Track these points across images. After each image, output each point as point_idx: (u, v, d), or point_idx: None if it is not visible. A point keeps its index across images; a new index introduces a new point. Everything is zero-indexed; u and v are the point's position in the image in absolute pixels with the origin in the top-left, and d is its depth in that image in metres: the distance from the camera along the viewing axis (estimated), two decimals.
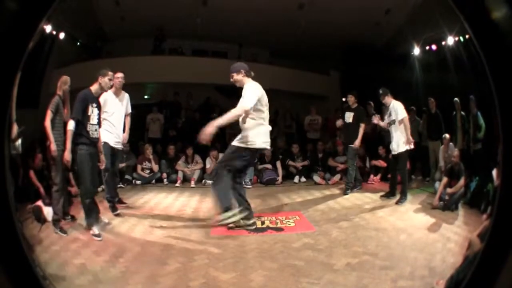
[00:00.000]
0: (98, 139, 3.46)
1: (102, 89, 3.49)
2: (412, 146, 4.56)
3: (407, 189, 4.67)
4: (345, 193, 5.10)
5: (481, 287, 1.23)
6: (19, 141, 2.03)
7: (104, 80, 3.42)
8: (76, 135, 3.25)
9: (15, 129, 1.71)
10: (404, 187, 4.61)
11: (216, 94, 7.49)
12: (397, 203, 4.53)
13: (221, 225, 3.42)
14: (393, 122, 4.60)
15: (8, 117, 1.21)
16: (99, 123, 3.45)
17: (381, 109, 5.21)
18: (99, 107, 3.47)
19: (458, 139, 5.47)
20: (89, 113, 3.33)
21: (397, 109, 4.55)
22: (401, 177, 4.66)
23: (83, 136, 3.28)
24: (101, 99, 3.98)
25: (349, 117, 5.18)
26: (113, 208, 4.02)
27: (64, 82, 3.55)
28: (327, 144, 6.73)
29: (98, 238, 3.20)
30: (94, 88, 3.43)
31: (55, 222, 3.35)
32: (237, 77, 3.49)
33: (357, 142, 5.04)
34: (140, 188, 5.49)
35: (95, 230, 3.26)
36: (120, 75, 4.02)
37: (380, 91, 4.72)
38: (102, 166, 3.57)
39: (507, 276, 1.16)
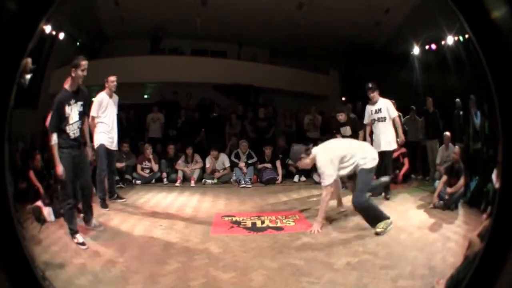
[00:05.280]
0: (80, 137, 3.21)
1: (76, 82, 3.13)
2: (398, 145, 4.63)
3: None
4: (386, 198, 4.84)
5: (481, 287, 1.23)
6: (29, 76, 2.02)
7: (77, 73, 3.09)
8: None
9: (29, 62, 1.73)
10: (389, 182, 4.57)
11: (216, 93, 7.49)
12: (387, 199, 4.54)
13: None
14: (384, 119, 4.55)
15: (8, 117, 1.21)
16: (80, 117, 3.17)
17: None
18: (78, 98, 3.16)
19: (458, 139, 5.46)
20: (66, 114, 3.07)
21: (389, 107, 4.53)
22: (387, 173, 4.54)
23: (63, 140, 3.06)
24: (97, 100, 4.11)
25: (346, 131, 5.14)
26: (103, 205, 4.13)
27: None
28: None
29: (83, 247, 3.00)
30: (68, 85, 3.13)
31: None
32: (299, 162, 3.68)
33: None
34: (140, 187, 5.48)
35: (79, 238, 3.05)
36: (113, 78, 4.24)
37: (370, 85, 4.55)
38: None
39: (507, 276, 1.16)
